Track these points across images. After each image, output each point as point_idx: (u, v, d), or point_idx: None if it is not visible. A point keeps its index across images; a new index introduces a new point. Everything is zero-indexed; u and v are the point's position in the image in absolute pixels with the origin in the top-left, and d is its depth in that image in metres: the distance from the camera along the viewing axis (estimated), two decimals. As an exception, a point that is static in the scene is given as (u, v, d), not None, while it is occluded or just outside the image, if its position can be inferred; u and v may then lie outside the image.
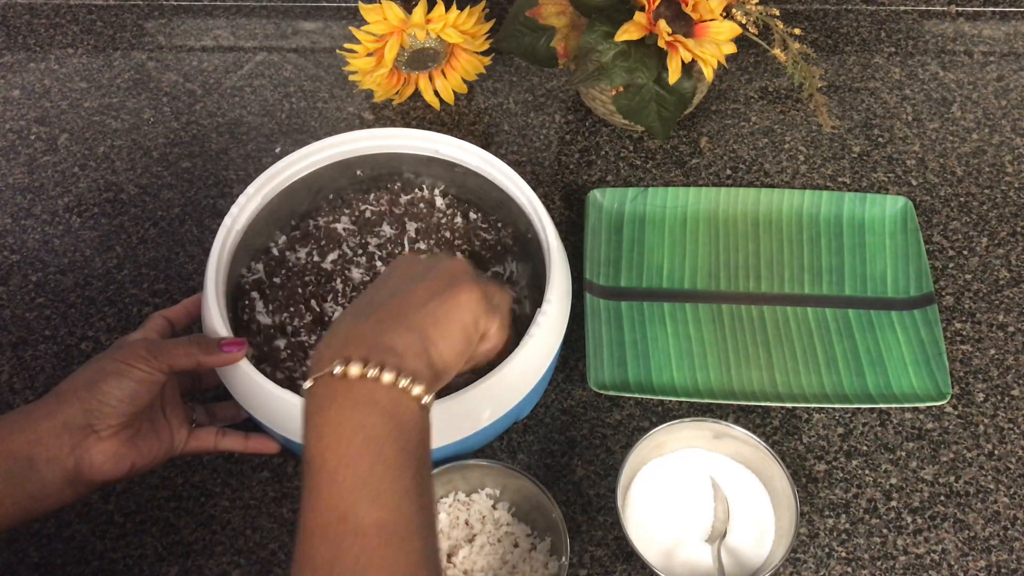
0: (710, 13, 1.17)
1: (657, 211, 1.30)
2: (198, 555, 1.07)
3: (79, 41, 1.47)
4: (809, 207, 1.30)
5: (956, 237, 1.30)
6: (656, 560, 1.03)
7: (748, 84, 1.44)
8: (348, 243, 1.16)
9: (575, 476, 1.11)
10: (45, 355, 1.18)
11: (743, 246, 1.28)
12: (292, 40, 1.48)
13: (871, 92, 1.44)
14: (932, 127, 1.40)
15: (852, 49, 1.48)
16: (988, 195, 1.33)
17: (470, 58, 1.37)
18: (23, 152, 1.35)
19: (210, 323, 1.01)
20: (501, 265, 1.15)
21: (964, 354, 1.20)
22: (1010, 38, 1.49)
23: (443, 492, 1.06)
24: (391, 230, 1.17)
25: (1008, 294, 1.25)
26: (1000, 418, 1.16)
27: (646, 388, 1.16)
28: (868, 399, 1.15)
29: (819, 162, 1.36)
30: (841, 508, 1.10)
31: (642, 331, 1.20)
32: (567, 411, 1.16)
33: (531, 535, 1.06)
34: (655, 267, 1.26)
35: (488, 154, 1.12)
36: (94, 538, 1.07)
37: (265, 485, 1.10)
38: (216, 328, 1.00)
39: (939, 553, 1.08)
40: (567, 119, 1.40)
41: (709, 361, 1.18)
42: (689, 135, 1.39)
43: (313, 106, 1.41)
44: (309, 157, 1.13)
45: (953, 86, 1.44)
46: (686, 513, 1.07)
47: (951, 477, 1.12)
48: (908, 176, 1.35)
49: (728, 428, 1.06)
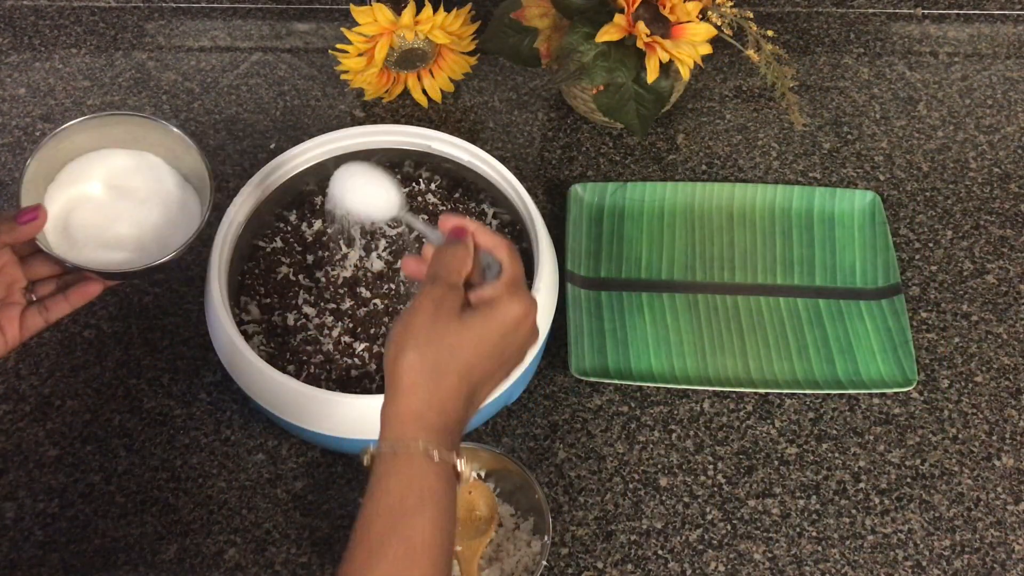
0: (687, 15, 1.17)
1: (636, 205, 1.29)
2: (196, 534, 1.06)
3: (82, 42, 1.46)
4: (781, 201, 1.30)
5: (922, 230, 1.30)
6: None
7: (723, 83, 1.44)
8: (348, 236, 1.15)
9: (557, 459, 1.11)
10: (49, 342, 1.18)
11: (718, 238, 1.28)
12: (286, 41, 1.47)
13: (841, 91, 1.44)
14: (899, 125, 1.40)
15: (823, 50, 1.48)
16: (953, 190, 1.33)
17: (457, 58, 1.36)
18: (28, 148, 1.34)
19: (216, 315, 1.01)
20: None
21: (930, 342, 1.21)
22: (974, 39, 1.49)
23: (431, 474, 1.06)
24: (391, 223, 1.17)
25: (971, 284, 1.25)
26: (964, 403, 1.16)
27: (625, 374, 1.16)
28: (838, 385, 1.15)
29: (791, 158, 1.36)
30: (812, 489, 1.10)
31: (621, 320, 1.20)
32: (549, 396, 1.16)
33: (515, 515, 1.06)
34: (634, 259, 1.26)
35: (479, 149, 1.12)
36: (96, 517, 1.07)
37: (260, 467, 1.10)
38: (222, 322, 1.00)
39: (905, 533, 1.08)
40: (549, 117, 1.40)
41: (685, 349, 1.18)
42: (666, 132, 1.38)
43: (306, 104, 1.40)
44: (307, 152, 1.13)
45: (919, 85, 1.44)
46: None
47: (917, 460, 1.12)
48: (876, 172, 1.35)
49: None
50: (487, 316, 0.81)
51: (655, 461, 1.12)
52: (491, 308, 0.81)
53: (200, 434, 1.12)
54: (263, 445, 1.12)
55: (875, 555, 1.07)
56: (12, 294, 0.95)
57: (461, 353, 0.79)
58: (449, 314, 0.80)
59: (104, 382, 1.16)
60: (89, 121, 0.99)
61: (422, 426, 0.78)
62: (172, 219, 1.02)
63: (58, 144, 0.98)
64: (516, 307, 0.82)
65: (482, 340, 0.80)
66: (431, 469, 0.77)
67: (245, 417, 1.13)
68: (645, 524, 1.08)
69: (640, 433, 1.13)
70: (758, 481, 1.11)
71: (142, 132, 1.02)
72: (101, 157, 1.02)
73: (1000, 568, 1.06)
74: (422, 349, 0.79)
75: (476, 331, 0.80)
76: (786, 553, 1.06)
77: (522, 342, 0.84)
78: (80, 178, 1.01)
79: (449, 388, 0.79)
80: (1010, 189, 1.33)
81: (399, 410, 0.78)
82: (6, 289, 0.95)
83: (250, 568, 1.05)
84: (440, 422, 0.78)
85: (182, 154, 1.03)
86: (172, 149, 1.03)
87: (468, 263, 0.84)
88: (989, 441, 1.14)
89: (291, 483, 1.10)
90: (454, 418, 0.79)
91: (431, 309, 0.80)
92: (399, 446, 0.77)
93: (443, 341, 0.79)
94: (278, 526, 1.07)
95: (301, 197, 1.17)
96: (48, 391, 1.15)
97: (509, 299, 0.82)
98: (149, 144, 1.03)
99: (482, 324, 0.80)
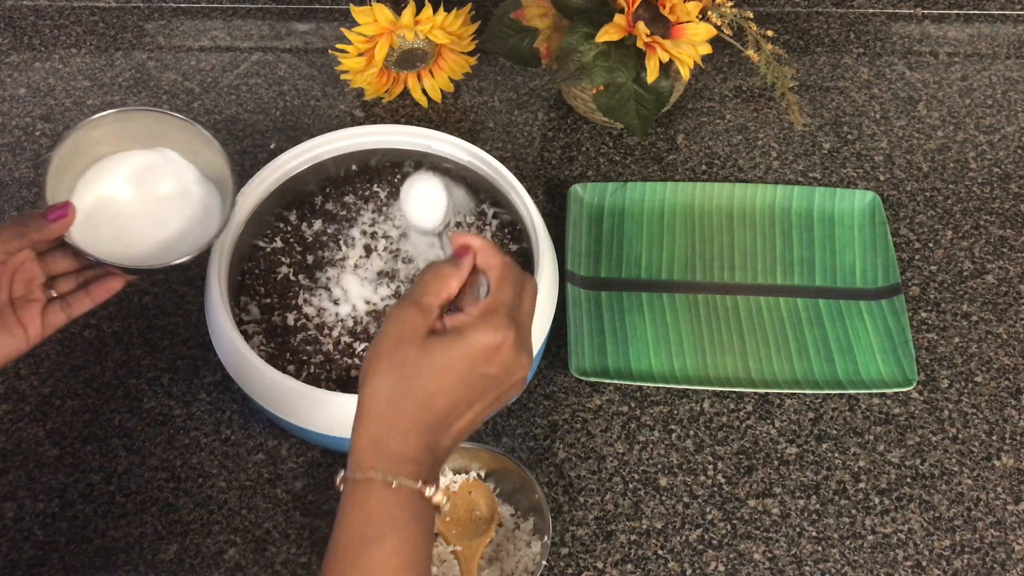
0: (687, 15, 1.17)
1: (636, 205, 1.29)
2: (196, 534, 1.06)
3: (82, 42, 1.46)
4: (781, 201, 1.30)
5: (922, 230, 1.29)
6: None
7: (723, 83, 1.44)
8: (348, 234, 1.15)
9: (557, 459, 1.11)
10: (49, 342, 1.17)
11: (718, 238, 1.27)
12: (286, 41, 1.47)
13: (841, 91, 1.43)
14: (899, 125, 1.40)
15: (822, 50, 1.48)
16: (952, 190, 1.33)
17: (457, 58, 1.36)
18: (28, 148, 1.34)
19: (216, 315, 1.01)
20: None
21: (930, 342, 1.20)
22: (974, 39, 1.49)
23: (431, 474, 1.06)
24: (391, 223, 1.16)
25: (971, 284, 1.25)
26: (964, 403, 1.16)
27: (625, 374, 1.15)
28: (838, 385, 1.15)
29: (791, 158, 1.36)
30: (812, 489, 1.10)
31: (621, 320, 1.20)
32: (549, 396, 1.15)
33: (515, 515, 1.06)
34: (634, 258, 1.25)
35: (479, 149, 1.12)
36: (96, 517, 1.07)
37: (260, 467, 1.10)
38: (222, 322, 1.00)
39: (905, 533, 1.07)
40: (549, 117, 1.40)
41: (685, 348, 1.18)
42: (666, 132, 1.38)
43: (306, 104, 1.40)
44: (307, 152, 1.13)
45: (919, 85, 1.44)
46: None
47: (917, 460, 1.12)
48: (876, 171, 1.34)
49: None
50: (450, 344, 0.77)
51: (655, 461, 1.12)
52: (458, 336, 0.77)
53: (200, 434, 1.12)
54: (263, 445, 1.12)
55: (875, 555, 1.06)
56: (32, 290, 0.95)
57: (419, 381, 0.76)
58: (412, 339, 0.77)
59: (104, 382, 1.15)
60: (108, 116, 0.98)
61: (382, 455, 0.75)
62: (195, 217, 1.02)
63: (81, 138, 0.97)
64: (485, 337, 0.77)
65: (446, 369, 0.77)
66: (392, 498, 0.74)
67: (245, 417, 1.13)
68: (645, 524, 1.08)
69: (640, 433, 1.13)
70: (758, 481, 1.10)
71: (161, 128, 1.02)
72: (125, 155, 1.02)
73: (1000, 568, 1.06)
74: (384, 375, 0.77)
75: (438, 360, 0.77)
76: (786, 553, 1.06)
77: (501, 372, 0.79)
78: (104, 175, 1.01)
79: (409, 417, 0.76)
80: (1010, 189, 1.33)
81: (361, 437, 0.76)
82: (26, 286, 0.95)
83: (250, 568, 1.05)
84: (401, 451, 0.76)
85: (201, 149, 1.03)
86: (191, 144, 1.03)
87: (452, 284, 0.81)
88: (989, 441, 1.14)
89: (291, 483, 1.09)
90: (420, 447, 0.76)
91: (395, 332, 0.77)
92: (359, 474, 0.75)
93: (403, 368, 0.76)
94: (278, 526, 1.07)
95: (301, 197, 1.17)
96: (48, 391, 1.14)
97: (480, 328, 0.78)
98: (169, 140, 1.03)
99: (444, 352, 0.77)
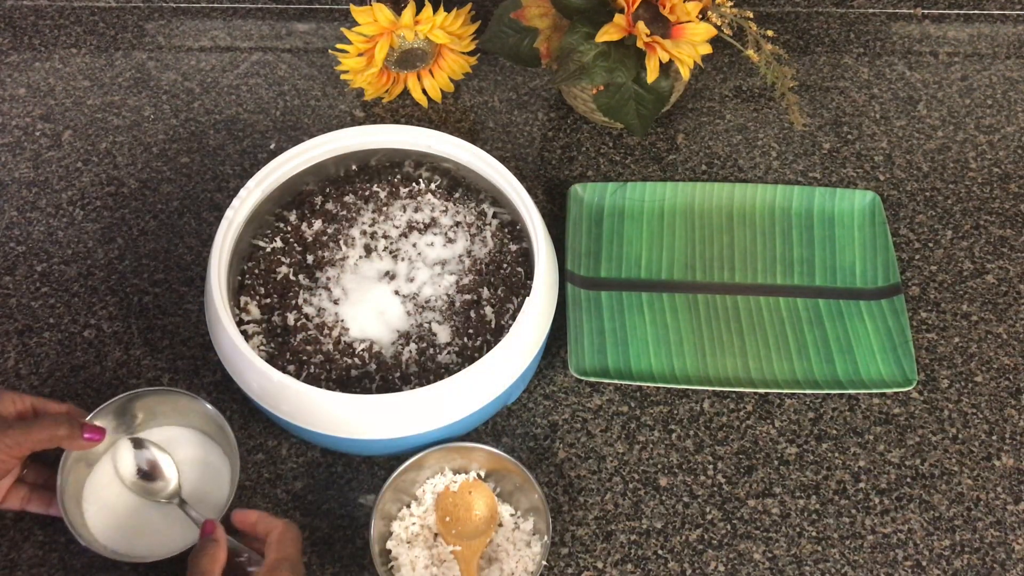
0: (687, 15, 1.17)
1: (635, 205, 1.29)
2: (195, 535, 1.06)
3: (82, 42, 1.46)
4: (781, 201, 1.29)
5: (922, 230, 1.29)
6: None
7: (723, 83, 1.44)
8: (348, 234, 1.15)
9: (557, 459, 1.11)
10: (49, 342, 1.17)
11: (718, 238, 1.27)
12: (286, 41, 1.47)
13: (841, 91, 1.43)
14: (899, 125, 1.39)
15: (822, 50, 1.48)
16: (952, 190, 1.33)
17: (456, 58, 1.36)
18: (28, 148, 1.34)
19: (216, 315, 1.01)
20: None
21: (929, 342, 1.20)
22: (973, 39, 1.49)
23: (431, 473, 1.06)
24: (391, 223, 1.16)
25: (971, 284, 1.25)
26: (964, 403, 1.16)
27: (625, 374, 1.15)
28: (837, 385, 1.15)
29: (791, 158, 1.36)
30: (811, 489, 1.10)
31: (621, 320, 1.19)
32: (549, 396, 1.15)
33: (515, 515, 1.06)
34: (634, 258, 1.25)
35: (479, 149, 1.12)
36: (96, 518, 1.07)
37: (260, 467, 1.10)
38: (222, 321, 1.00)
39: (905, 532, 1.07)
40: (549, 117, 1.40)
41: (685, 348, 1.18)
42: (666, 132, 1.38)
43: (306, 104, 1.40)
44: (307, 152, 1.13)
45: (919, 85, 1.44)
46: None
47: (917, 460, 1.12)
48: (876, 171, 1.34)
49: None
50: None
51: (655, 461, 1.11)
52: None
53: (200, 434, 1.12)
54: (263, 445, 1.11)
55: (875, 555, 1.06)
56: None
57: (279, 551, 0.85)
58: None
59: (104, 382, 1.15)
60: (110, 405, 1.03)
61: None
62: (201, 487, 1.06)
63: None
64: None
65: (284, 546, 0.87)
66: None
67: (245, 417, 1.13)
68: (645, 524, 1.08)
69: (640, 433, 1.13)
70: (758, 481, 1.10)
71: (164, 407, 1.07)
72: (126, 445, 1.06)
73: (1000, 568, 1.06)
74: None
75: None
76: (786, 553, 1.06)
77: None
78: (111, 474, 1.06)
79: None
80: (1010, 189, 1.33)
81: None
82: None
83: (250, 568, 1.05)
84: None
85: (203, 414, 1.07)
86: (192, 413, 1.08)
87: (220, 555, 0.90)
88: (989, 441, 1.13)
89: (291, 483, 1.09)
90: None
91: None
92: None
93: None
94: (278, 526, 1.07)
95: (301, 197, 1.17)
96: (48, 391, 1.14)
97: None
98: (176, 414, 1.08)
99: None
